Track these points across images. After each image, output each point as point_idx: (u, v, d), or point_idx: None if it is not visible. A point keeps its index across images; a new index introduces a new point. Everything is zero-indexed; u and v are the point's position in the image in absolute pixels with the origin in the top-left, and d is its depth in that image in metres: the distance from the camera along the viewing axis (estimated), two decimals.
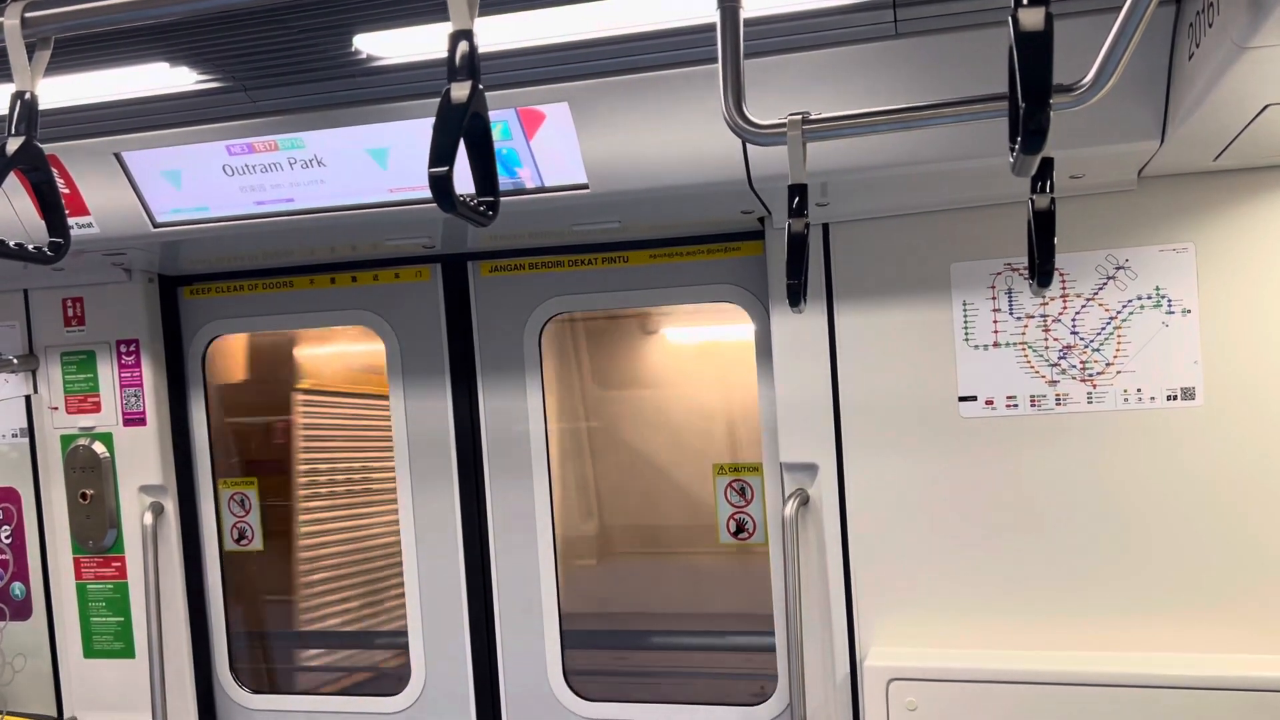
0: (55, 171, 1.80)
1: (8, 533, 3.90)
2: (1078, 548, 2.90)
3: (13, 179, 1.72)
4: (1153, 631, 2.87)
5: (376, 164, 2.88)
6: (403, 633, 3.78)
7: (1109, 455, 2.87)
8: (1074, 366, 2.89)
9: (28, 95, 1.69)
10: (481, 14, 1.48)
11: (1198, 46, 2.01)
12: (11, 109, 1.70)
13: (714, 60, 1.70)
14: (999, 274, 2.94)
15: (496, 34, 2.41)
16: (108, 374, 3.74)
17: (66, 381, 3.77)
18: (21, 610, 3.92)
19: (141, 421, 3.73)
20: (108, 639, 3.82)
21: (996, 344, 2.95)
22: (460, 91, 1.43)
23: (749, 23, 1.77)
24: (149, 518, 3.69)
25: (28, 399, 3.81)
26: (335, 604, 4.35)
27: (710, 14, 1.74)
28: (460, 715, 3.76)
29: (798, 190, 1.79)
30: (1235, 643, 2.81)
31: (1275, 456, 2.76)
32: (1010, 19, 1.30)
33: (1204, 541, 2.82)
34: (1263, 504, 2.78)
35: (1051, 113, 1.29)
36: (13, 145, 1.67)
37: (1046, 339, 2.91)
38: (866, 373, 3.03)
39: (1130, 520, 2.87)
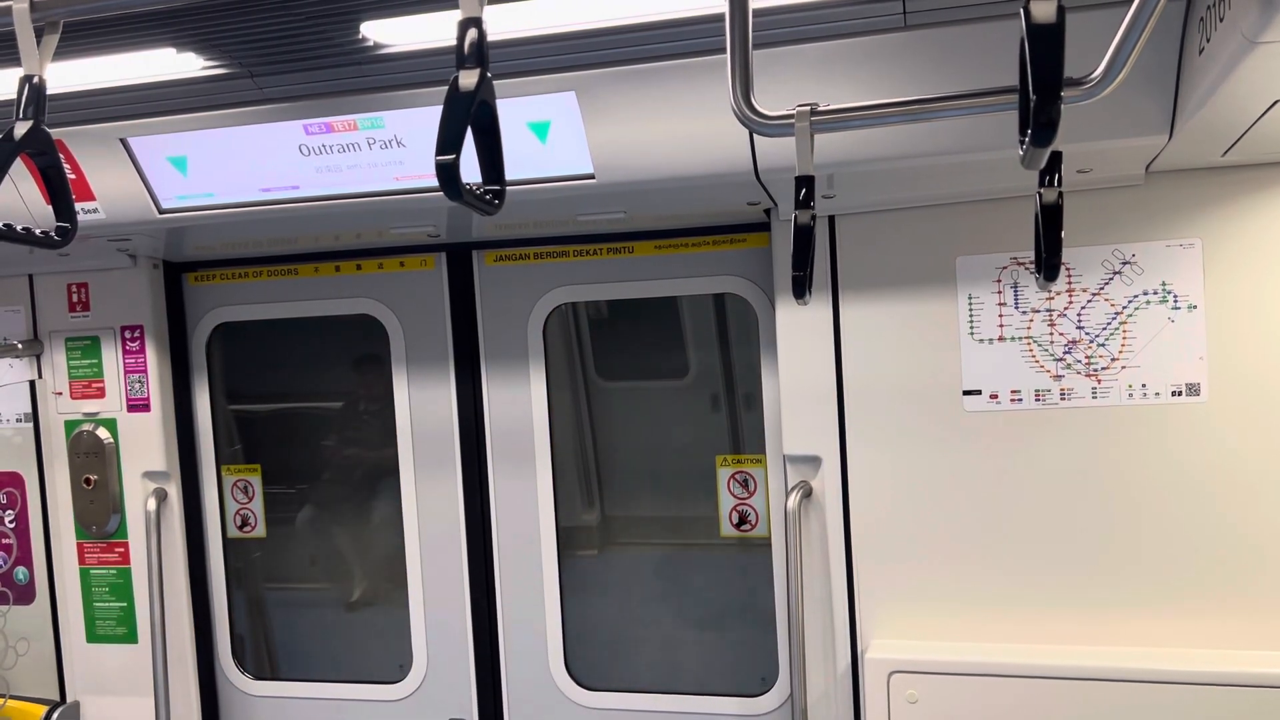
0: (62, 156, 1.80)
1: (11, 517, 3.91)
2: (1081, 542, 2.91)
3: (20, 164, 1.72)
4: (1155, 626, 2.87)
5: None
6: (405, 619, 3.79)
7: (1113, 450, 2.87)
8: (1079, 361, 2.89)
9: (36, 79, 1.69)
10: (490, 2, 1.48)
11: (1208, 41, 2.00)
12: (19, 93, 1.69)
13: (722, 50, 1.69)
14: (1005, 268, 2.94)
15: (505, 22, 2.41)
16: (112, 360, 3.74)
17: (71, 367, 3.77)
18: (25, 595, 3.93)
19: (145, 407, 3.73)
20: (111, 624, 3.83)
21: (1001, 338, 2.94)
22: (468, 79, 1.42)
23: (758, 13, 1.76)
24: (152, 503, 3.69)
25: (32, 384, 3.82)
26: None
27: (719, 4, 1.73)
28: (462, 703, 3.77)
29: (805, 182, 1.78)
30: (1238, 638, 2.81)
31: None
32: (1022, 11, 1.29)
33: (1208, 537, 2.82)
34: (1267, 499, 2.78)
35: (1061, 106, 1.28)
36: (20, 129, 1.67)
37: (1052, 333, 2.91)
38: (871, 365, 3.03)
39: (1134, 515, 2.87)
